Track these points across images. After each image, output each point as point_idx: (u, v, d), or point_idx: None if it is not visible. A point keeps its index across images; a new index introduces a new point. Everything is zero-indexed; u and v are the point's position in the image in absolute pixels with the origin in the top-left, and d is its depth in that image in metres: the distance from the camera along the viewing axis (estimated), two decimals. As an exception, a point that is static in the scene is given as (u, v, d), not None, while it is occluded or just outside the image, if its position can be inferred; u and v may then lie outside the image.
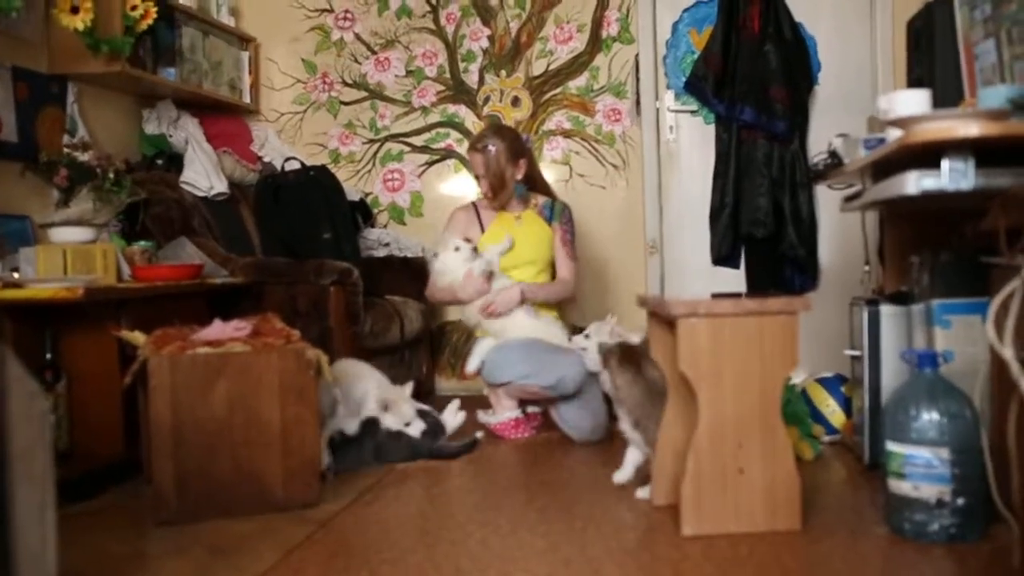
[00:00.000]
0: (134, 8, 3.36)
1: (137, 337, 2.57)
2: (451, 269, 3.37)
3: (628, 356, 2.48)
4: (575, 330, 3.10)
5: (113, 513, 2.48)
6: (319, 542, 2.14)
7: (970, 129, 1.82)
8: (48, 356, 2.76)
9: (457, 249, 3.35)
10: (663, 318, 2.31)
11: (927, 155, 1.94)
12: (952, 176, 1.91)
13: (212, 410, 2.36)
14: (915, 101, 2.30)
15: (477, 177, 3.51)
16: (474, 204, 3.58)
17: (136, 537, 2.26)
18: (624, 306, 4.00)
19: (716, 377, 2.08)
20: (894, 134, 2.13)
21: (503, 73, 4.49)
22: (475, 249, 3.37)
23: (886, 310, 2.61)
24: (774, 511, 2.10)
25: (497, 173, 3.42)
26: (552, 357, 3.16)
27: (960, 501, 1.97)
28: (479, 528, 2.22)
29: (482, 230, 3.48)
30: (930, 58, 2.60)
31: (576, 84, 4.45)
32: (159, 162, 3.81)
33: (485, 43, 4.50)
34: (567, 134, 4.46)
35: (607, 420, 3.10)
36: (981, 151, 1.90)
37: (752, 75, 4.06)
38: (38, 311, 2.71)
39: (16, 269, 2.85)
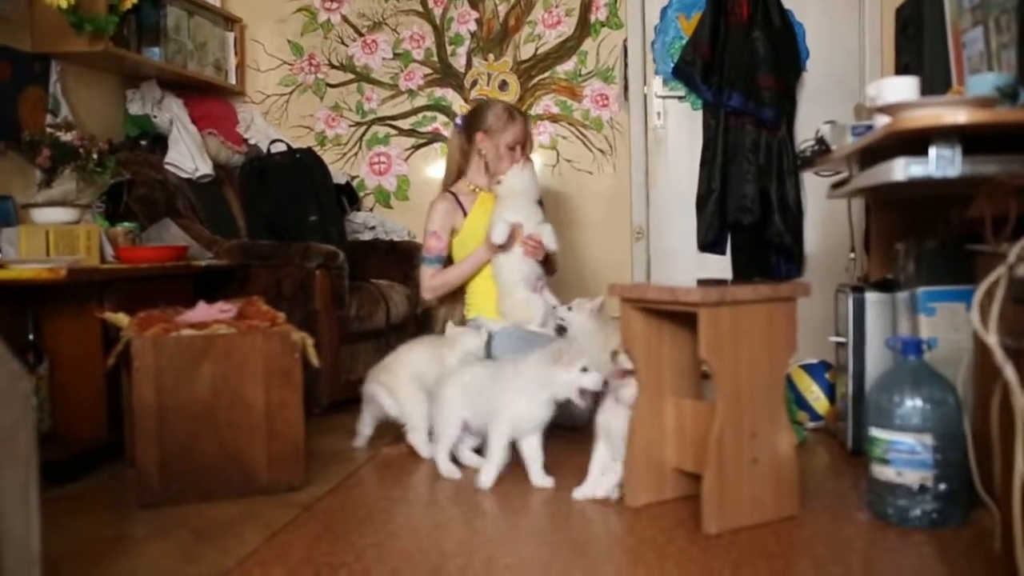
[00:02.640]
0: (118, -14, 3.32)
1: (120, 319, 2.55)
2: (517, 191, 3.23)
3: None
4: None
5: (96, 496, 2.47)
6: (303, 525, 2.14)
7: (957, 116, 1.82)
8: (30, 338, 2.74)
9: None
10: (639, 307, 2.19)
11: (914, 142, 1.94)
12: (939, 163, 1.92)
13: (196, 392, 2.35)
14: (903, 88, 2.30)
15: (514, 146, 3.36)
16: (452, 193, 3.48)
17: (119, 520, 2.25)
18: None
19: (735, 365, 2.02)
20: (882, 121, 2.13)
21: (491, 57, 4.47)
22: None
23: (871, 297, 2.63)
24: (778, 498, 2.08)
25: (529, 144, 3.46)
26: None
27: (942, 487, 1.99)
28: (464, 511, 2.22)
29: (464, 215, 3.45)
30: (918, 45, 2.60)
31: (564, 69, 4.44)
32: (143, 143, 3.78)
33: (473, 26, 4.47)
34: (554, 119, 4.45)
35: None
36: (968, 138, 1.91)
37: (740, 62, 4.06)
38: (20, 292, 2.69)
39: (-2, 249, 2.83)
